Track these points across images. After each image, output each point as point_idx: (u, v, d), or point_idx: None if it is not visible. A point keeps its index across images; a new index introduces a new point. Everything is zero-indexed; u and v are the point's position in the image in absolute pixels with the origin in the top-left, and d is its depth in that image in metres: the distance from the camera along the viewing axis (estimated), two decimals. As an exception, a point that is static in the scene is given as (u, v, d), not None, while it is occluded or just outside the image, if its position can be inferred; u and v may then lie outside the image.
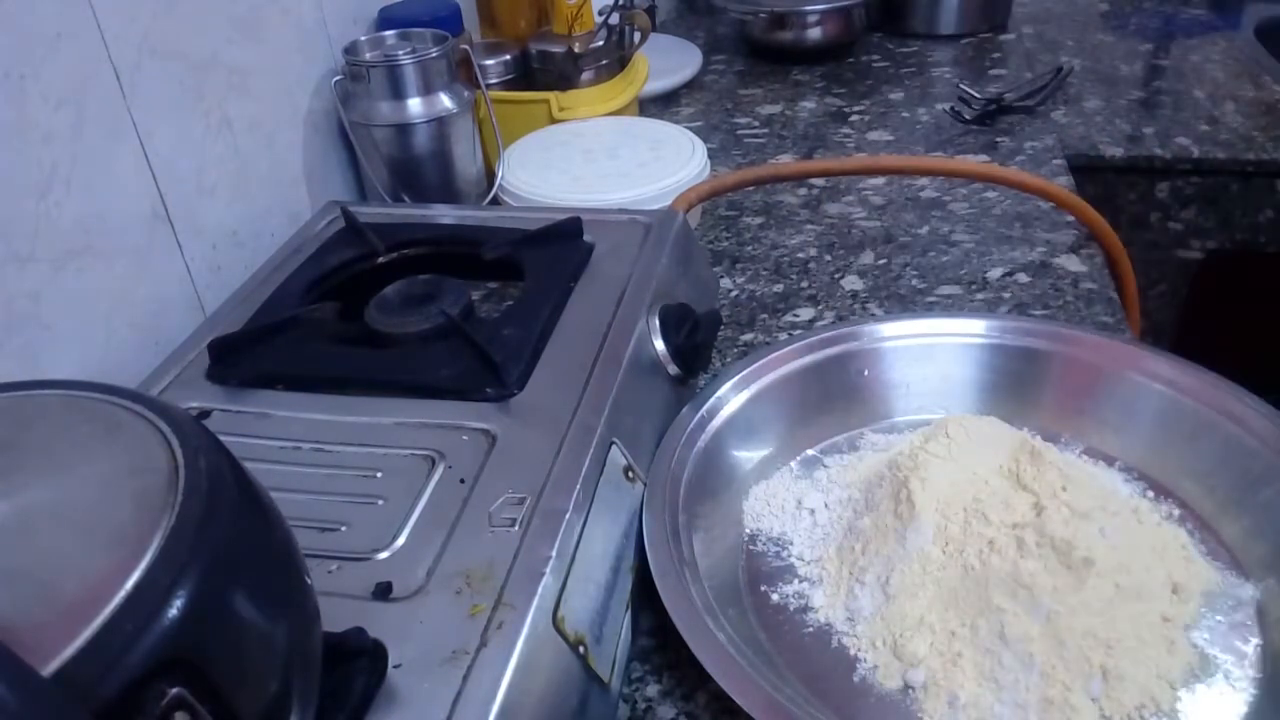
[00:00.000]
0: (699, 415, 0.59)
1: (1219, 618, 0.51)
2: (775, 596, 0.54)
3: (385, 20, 0.89)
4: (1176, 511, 0.56)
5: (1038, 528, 0.50)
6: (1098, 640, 0.47)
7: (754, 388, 0.62)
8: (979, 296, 0.78)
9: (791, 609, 0.53)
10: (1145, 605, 0.49)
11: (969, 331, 0.66)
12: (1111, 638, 0.47)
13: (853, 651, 0.50)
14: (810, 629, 0.52)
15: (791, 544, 0.56)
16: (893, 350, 0.66)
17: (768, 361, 0.63)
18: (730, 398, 0.61)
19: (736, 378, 0.62)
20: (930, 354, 0.65)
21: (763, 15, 1.25)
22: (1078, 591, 0.48)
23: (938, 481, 0.53)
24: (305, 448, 0.52)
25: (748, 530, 0.58)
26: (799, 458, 0.62)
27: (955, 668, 0.47)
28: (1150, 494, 0.58)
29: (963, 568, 0.50)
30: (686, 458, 0.57)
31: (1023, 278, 0.79)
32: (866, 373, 0.65)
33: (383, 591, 0.43)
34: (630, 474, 0.53)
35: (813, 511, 0.58)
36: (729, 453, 0.60)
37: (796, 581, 0.54)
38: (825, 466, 0.61)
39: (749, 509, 0.59)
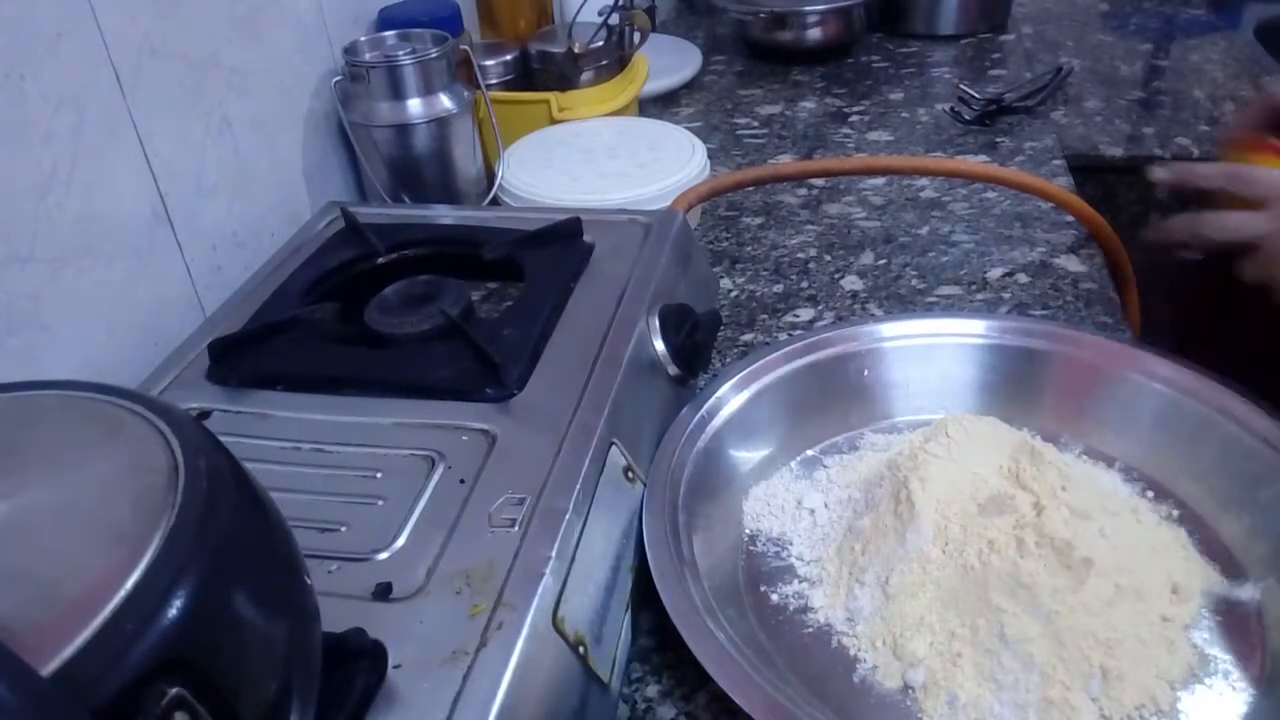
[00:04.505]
0: (699, 415, 0.59)
1: (1219, 618, 0.51)
2: (775, 596, 0.54)
3: (385, 20, 0.89)
4: (1176, 512, 0.56)
5: (1037, 528, 0.50)
6: (1097, 640, 0.47)
7: (754, 388, 0.62)
8: (979, 297, 0.78)
9: (791, 609, 0.53)
10: (1145, 605, 0.49)
11: (969, 332, 0.66)
12: (1111, 638, 0.47)
13: (853, 651, 0.50)
14: (810, 629, 0.52)
15: (791, 544, 0.56)
16: (893, 350, 0.66)
17: (768, 362, 0.63)
18: (730, 398, 0.61)
19: (736, 378, 0.62)
20: (930, 354, 0.65)
21: (762, 15, 1.25)
22: (1077, 592, 0.48)
23: (938, 481, 0.53)
24: (305, 448, 0.52)
25: (747, 530, 0.58)
26: (799, 458, 0.62)
27: (955, 668, 0.47)
28: (1150, 494, 0.58)
29: (962, 568, 0.50)
30: (686, 458, 0.57)
31: (1023, 278, 0.79)
32: (867, 373, 0.65)
33: (383, 592, 0.43)
34: (630, 474, 0.53)
35: (812, 511, 0.58)
36: (729, 453, 0.60)
37: (796, 582, 0.54)
38: (825, 466, 0.61)
39: (749, 509, 0.59)
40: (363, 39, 0.83)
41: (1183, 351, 0.62)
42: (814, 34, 1.26)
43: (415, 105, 0.81)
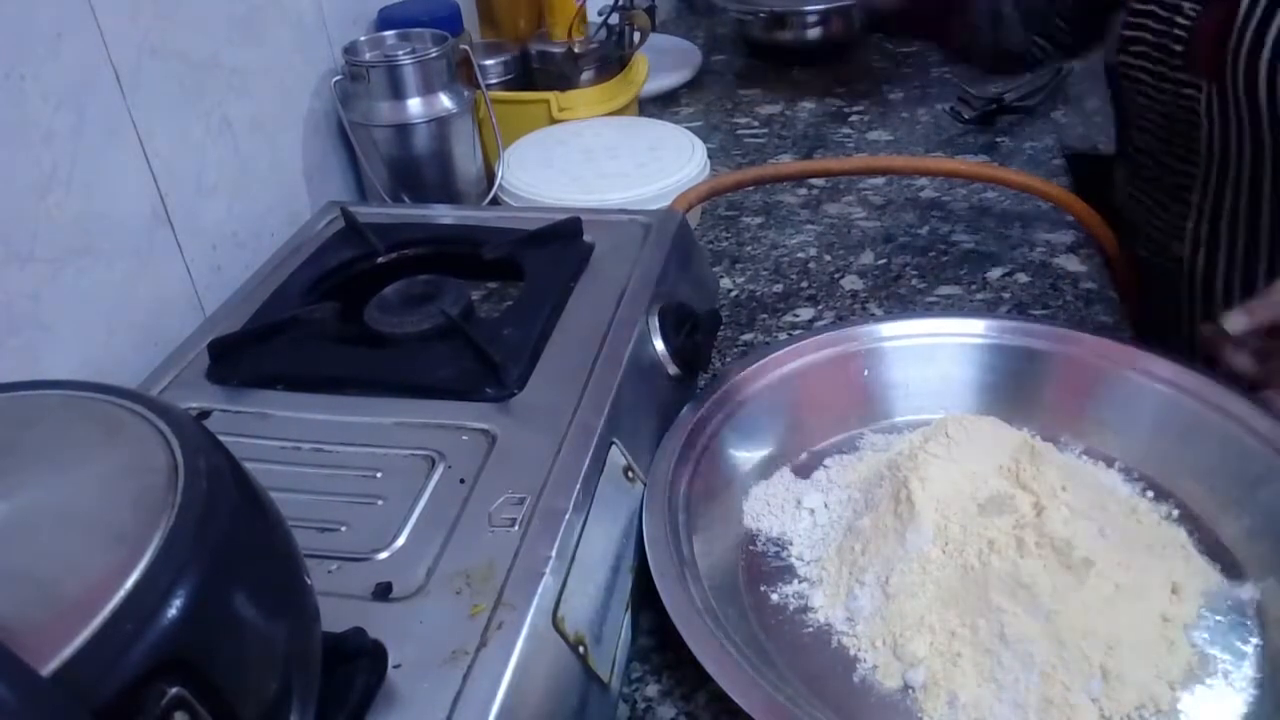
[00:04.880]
0: (699, 415, 0.59)
1: (1219, 618, 0.50)
2: (775, 596, 0.54)
3: (385, 20, 0.89)
4: (1176, 511, 0.56)
5: (1037, 528, 0.50)
6: (1097, 640, 0.47)
7: (754, 388, 0.62)
8: (979, 296, 0.78)
9: (791, 609, 0.53)
10: (1145, 605, 0.49)
11: (969, 331, 0.66)
12: (1111, 637, 0.47)
13: (853, 651, 0.50)
14: (810, 629, 0.52)
15: (791, 544, 0.56)
16: (893, 350, 0.65)
17: (767, 362, 0.63)
18: (730, 398, 0.61)
19: (736, 378, 0.62)
20: (930, 354, 0.65)
21: (762, 15, 1.25)
22: (1077, 591, 0.48)
23: (938, 481, 0.53)
24: (305, 448, 0.52)
25: (748, 530, 0.58)
26: (799, 458, 0.62)
27: (955, 668, 0.47)
28: (1150, 494, 0.58)
29: (962, 568, 0.50)
30: (686, 458, 0.57)
31: (1023, 278, 0.79)
32: (867, 373, 0.65)
33: (383, 591, 0.43)
34: (630, 474, 0.53)
35: (812, 511, 0.58)
36: (729, 453, 0.60)
37: (796, 581, 0.54)
38: (825, 466, 0.61)
39: (749, 509, 0.59)
40: (363, 39, 0.83)
41: (1181, 351, 0.62)
42: (814, 34, 1.26)
43: (415, 105, 0.81)
